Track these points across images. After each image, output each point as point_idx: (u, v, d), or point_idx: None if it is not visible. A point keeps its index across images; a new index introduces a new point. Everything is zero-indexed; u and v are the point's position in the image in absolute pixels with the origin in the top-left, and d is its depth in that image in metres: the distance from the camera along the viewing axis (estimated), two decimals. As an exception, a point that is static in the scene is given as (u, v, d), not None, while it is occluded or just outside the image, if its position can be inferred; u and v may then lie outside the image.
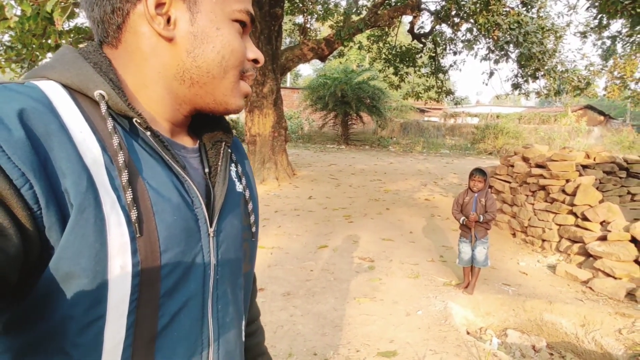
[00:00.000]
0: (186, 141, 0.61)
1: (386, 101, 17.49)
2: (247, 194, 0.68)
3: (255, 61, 0.61)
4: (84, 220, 0.42)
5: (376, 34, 12.97)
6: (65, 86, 0.48)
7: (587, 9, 8.39)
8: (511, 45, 9.41)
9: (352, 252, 4.42)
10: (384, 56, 13.23)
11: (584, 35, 9.83)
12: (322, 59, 10.37)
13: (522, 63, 9.63)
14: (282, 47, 9.65)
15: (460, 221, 3.38)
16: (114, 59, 0.54)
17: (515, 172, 5.21)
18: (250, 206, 0.68)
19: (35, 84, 0.46)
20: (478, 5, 9.02)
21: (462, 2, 9.99)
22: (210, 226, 0.56)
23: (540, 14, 9.69)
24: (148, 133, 0.50)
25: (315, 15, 11.88)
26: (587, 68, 9.95)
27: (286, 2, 10.07)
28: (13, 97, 0.42)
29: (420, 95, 13.82)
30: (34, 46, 4.70)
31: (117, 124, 0.49)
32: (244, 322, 0.68)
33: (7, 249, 0.39)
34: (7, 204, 0.39)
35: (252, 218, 0.68)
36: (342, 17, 10.48)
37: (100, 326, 0.45)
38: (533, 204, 4.76)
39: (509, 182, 5.38)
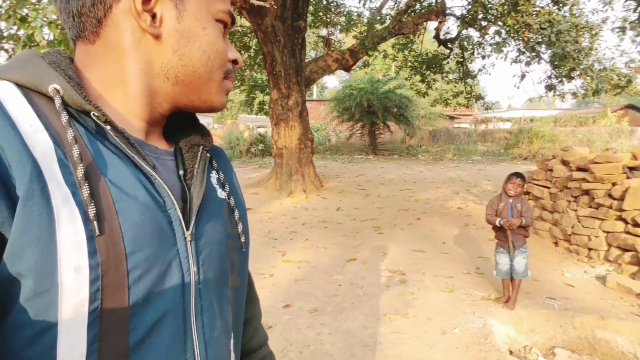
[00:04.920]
0: (160, 143, 0.59)
1: (414, 109, 17.25)
2: (232, 201, 0.65)
3: (235, 62, 0.60)
4: (26, 214, 0.39)
5: (401, 42, 12.83)
6: (20, 86, 0.46)
7: (625, 2, 7.94)
8: (543, 45, 9.05)
9: (381, 264, 4.24)
10: (409, 64, 13.05)
11: (622, 30, 9.33)
12: (347, 69, 10.31)
13: (556, 63, 9.25)
14: (306, 60, 9.66)
15: (497, 223, 3.12)
16: (87, 55, 0.51)
17: (555, 176, 4.89)
18: (236, 214, 0.64)
19: None
20: (506, 6, 8.74)
21: (489, 5, 9.72)
22: (187, 229, 0.52)
23: (573, 12, 9.29)
24: (108, 127, 0.47)
25: (339, 27, 11.88)
26: (627, 65, 9.41)
27: (309, 15, 10.13)
28: None
29: (448, 101, 13.52)
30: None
31: (76, 121, 0.47)
32: (232, 341, 0.62)
33: None
34: None
35: (240, 227, 0.65)
36: (365, 27, 10.42)
37: (52, 338, 0.40)
38: (576, 210, 4.44)
39: (548, 188, 5.06)
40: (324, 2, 11.51)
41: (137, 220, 0.46)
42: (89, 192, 0.42)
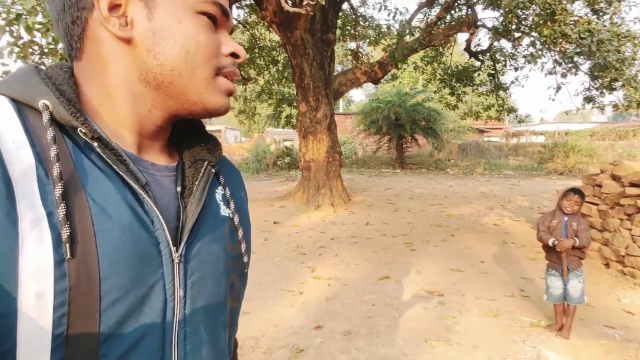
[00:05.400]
0: (159, 158, 0.57)
1: (442, 122, 16.92)
2: (237, 219, 0.61)
3: (235, 55, 0.55)
4: None
5: (430, 54, 12.64)
6: (16, 100, 0.46)
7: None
8: (582, 56, 8.69)
9: (417, 284, 4.00)
10: (438, 76, 12.82)
11: (668, 39, 8.86)
12: (376, 82, 10.18)
13: (596, 74, 8.86)
14: (335, 73, 9.59)
15: (550, 243, 2.85)
16: (80, 72, 0.51)
17: (605, 192, 4.55)
18: (240, 233, 0.61)
19: None
20: (542, 16, 8.46)
21: (523, 16, 9.44)
22: (177, 251, 0.50)
23: (614, 21, 8.91)
24: (95, 144, 0.46)
25: (367, 40, 11.80)
26: (674, 76, 8.91)
27: (337, 29, 10.10)
28: None
29: (479, 114, 13.17)
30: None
31: (69, 137, 0.46)
32: None
33: None
34: None
35: (244, 246, 0.61)
36: (394, 40, 10.29)
37: None
38: (630, 229, 4.08)
39: (597, 205, 4.71)
40: (352, 16, 11.49)
41: (117, 242, 0.44)
42: (65, 212, 0.41)
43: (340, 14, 10.08)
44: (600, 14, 8.77)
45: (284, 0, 2.42)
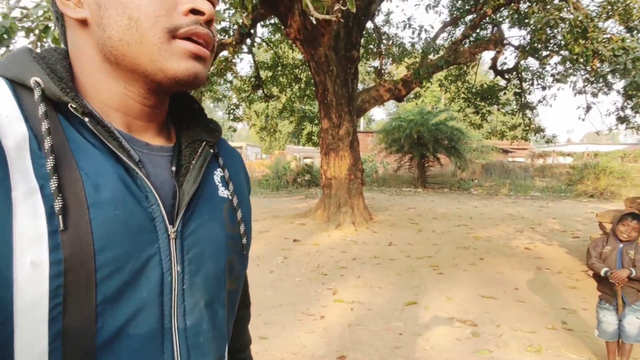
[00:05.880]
0: (155, 140, 0.56)
1: (466, 142, 16.56)
2: (235, 200, 0.61)
3: (197, 12, 0.49)
4: None
5: (454, 73, 12.47)
6: (10, 80, 0.46)
7: None
8: (617, 73, 8.38)
9: (446, 311, 3.72)
10: (462, 95, 12.60)
11: None
12: (399, 99, 10.03)
13: (631, 93, 8.51)
14: (358, 90, 9.50)
15: (602, 273, 2.56)
16: (71, 59, 0.52)
17: (652, 217, 4.21)
18: (239, 214, 0.61)
19: None
20: (573, 34, 8.22)
21: (551, 34, 9.21)
22: (173, 227, 0.50)
23: (650, 38, 8.59)
24: (86, 119, 0.46)
25: (391, 58, 11.72)
26: None
27: (361, 47, 10.05)
28: None
29: (505, 134, 12.84)
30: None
31: (61, 113, 0.46)
32: (226, 347, 0.60)
33: None
34: None
35: (243, 228, 0.61)
36: (419, 58, 10.16)
37: (8, 332, 0.39)
38: (684, 259, 3.73)
39: (643, 230, 4.36)
40: (375, 35, 11.46)
41: (111, 216, 0.44)
42: (57, 185, 0.41)
43: (364, 33, 10.04)
44: (635, 31, 8.49)
45: (312, 8, 2.30)
